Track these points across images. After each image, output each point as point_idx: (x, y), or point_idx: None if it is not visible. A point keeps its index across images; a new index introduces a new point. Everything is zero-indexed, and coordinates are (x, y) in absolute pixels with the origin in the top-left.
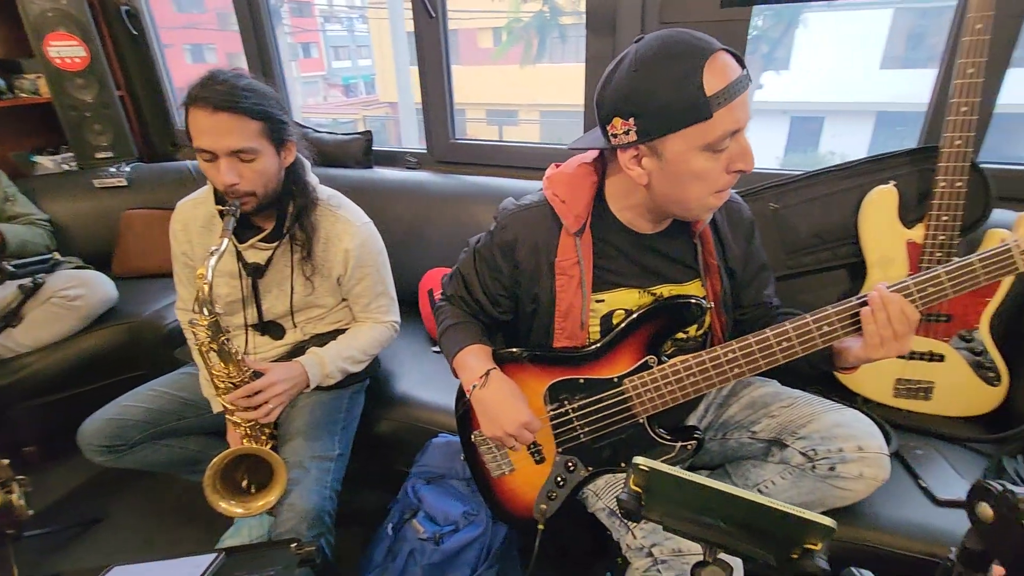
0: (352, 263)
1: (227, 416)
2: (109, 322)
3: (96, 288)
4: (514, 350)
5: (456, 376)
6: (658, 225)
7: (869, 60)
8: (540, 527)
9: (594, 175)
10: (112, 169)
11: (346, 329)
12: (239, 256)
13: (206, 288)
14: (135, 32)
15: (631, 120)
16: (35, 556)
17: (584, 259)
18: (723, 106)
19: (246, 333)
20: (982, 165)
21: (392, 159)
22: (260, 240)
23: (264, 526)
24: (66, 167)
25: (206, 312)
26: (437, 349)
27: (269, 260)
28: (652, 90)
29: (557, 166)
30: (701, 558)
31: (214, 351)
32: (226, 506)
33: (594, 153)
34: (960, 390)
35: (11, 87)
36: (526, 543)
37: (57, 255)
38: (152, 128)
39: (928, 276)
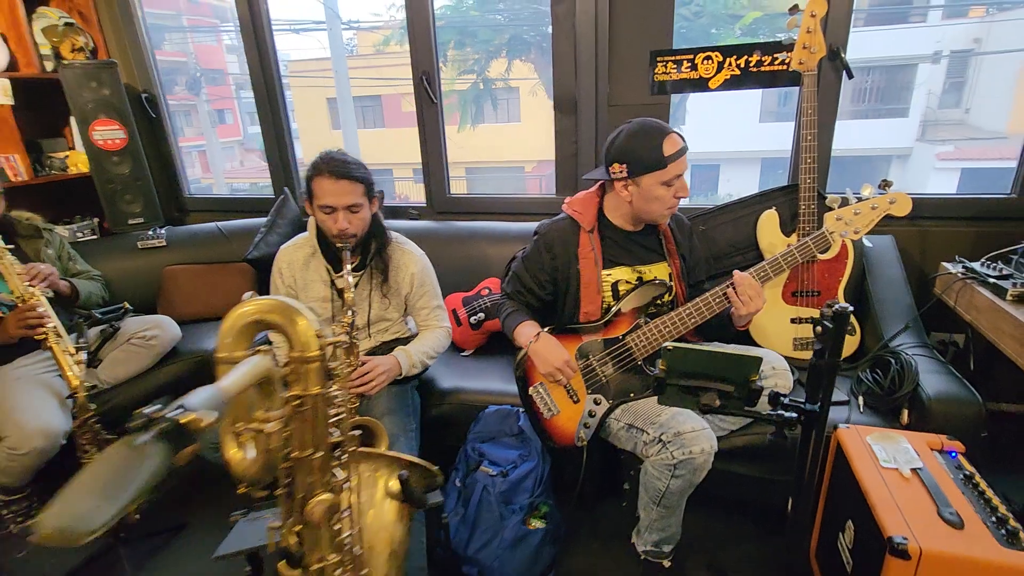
0: (416, 283)
1: None
2: (175, 358)
3: (167, 329)
4: (552, 327)
5: (515, 342)
6: (637, 226)
7: (750, 115)
8: (583, 446)
9: (596, 198)
10: (150, 232)
11: (403, 338)
12: (332, 283)
13: (350, 295)
14: (153, 115)
15: (624, 165)
16: (138, 558)
17: (595, 247)
18: (672, 162)
19: None
20: (826, 194)
21: (395, 213)
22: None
23: None
24: (80, 235)
25: (350, 314)
26: (466, 354)
27: (355, 285)
28: (637, 150)
29: (570, 198)
30: (694, 432)
31: (344, 344)
32: None
33: (596, 188)
34: None
35: (43, 165)
36: (569, 472)
37: (127, 304)
38: (162, 197)
39: (775, 257)
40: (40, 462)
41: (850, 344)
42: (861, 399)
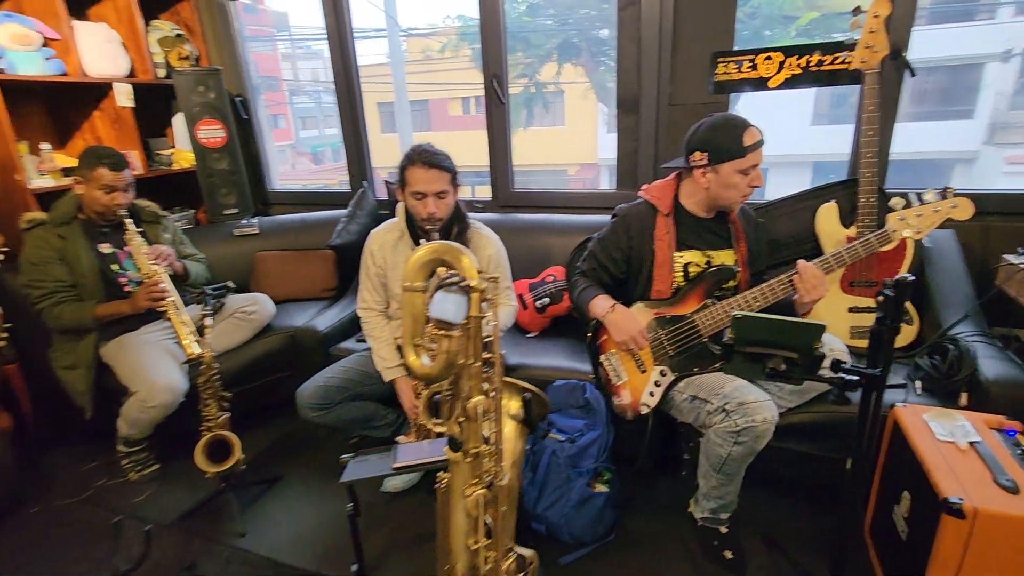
0: (493, 264)
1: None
2: (270, 332)
3: (265, 305)
4: (623, 301)
5: (590, 314)
6: (709, 213)
7: (802, 119)
8: (647, 413)
9: (673, 186)
10: (244, 221)
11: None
12: None
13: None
14: (245, 116)
15: (705, 154)
16: (243, 502)
17: (670, 230)
18: (751, 152)
19: None
20: (886, 190)
21: None
22: None
23: None
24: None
25: None
26: (532, 335)
27: None
28: (719, 140)
29: (647, 185)
30: (757, 403)
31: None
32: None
33: (673, 177)
34: None
35: (153, 161)
36: (630, 446)
37: (231, 283)
38: (250, 190)
39: (838, 250)
40: (163, 416)
41: (908, 334)
42: (919, 383)
